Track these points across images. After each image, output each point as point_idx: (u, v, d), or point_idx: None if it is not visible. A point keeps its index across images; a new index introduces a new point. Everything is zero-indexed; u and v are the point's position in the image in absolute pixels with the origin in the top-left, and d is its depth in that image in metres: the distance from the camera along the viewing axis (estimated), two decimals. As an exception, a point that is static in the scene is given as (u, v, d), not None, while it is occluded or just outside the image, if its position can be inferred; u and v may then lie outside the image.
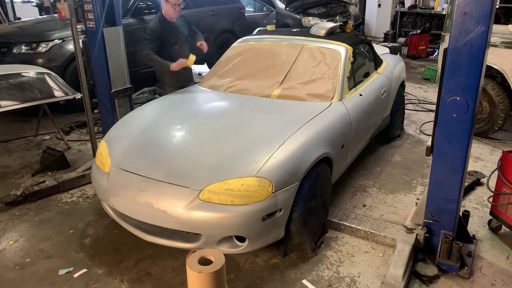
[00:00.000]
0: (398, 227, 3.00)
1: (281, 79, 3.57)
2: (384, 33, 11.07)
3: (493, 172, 3.09)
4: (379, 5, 11.68)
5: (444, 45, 5.08)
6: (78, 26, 3.81)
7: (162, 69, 4.28)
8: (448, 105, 2.41)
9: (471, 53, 2.27)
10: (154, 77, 6.59)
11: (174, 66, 4.06)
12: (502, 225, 3.10)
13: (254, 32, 4.51)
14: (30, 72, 4.67)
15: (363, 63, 4.10)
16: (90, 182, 3.79)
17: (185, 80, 4.35)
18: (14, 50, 5.69)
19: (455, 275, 2.69)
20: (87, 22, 3.83)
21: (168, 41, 4.28)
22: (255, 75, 3.71)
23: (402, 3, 11.18)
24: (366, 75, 4.05)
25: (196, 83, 4.10)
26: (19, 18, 9.46)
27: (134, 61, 5.81)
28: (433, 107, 5.81)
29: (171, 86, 4.38)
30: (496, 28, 4.32)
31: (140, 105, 3.73)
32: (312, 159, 2.74)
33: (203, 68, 8.61)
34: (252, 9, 9.85)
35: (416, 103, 6.32)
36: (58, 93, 4.64)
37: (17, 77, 4.52)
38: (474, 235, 3.01)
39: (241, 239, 2.53)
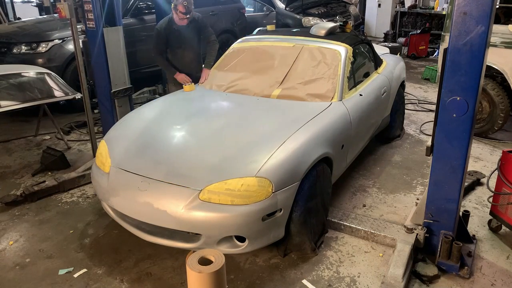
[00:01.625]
0: (398, 227, 3.00)
1: (281, 79, 3.57)
2: (384, 33, 11.06)
3: (493, 172, 3.09)
4: (379, 5, 11.67)
5: (444, 45, 5.08)
6: (78, 26, 3.81)
7: (167, 73, 4.56)
8: (448, 105, 2.41)
9: (471, 53, 2.27)
10: (154, 77, 6.59)
11: (178, 77, 4.37)
12: (502, 225, 3.10)
13: (254, 32, 4.51)
14: (30, 72, 4.67)
15: (363, 63, 4.09)
16: (90, 182, 3.79)
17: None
18: (14, 50, 5.70)
19: (455, 275, 2.69)
20: (87, 22, 3.83)
21: (172, 44, 4.44)
22: (255, 75, 3.71)
23: (402, 3, 11.18)
24: (366, 75, 4.05)
25: (196, 83, 4.10)
26: (19, 18, 9.45)
27: (134, 61, 5.83)
28: (433, 107, 5.81)
29: (176, 84, 4.57)
30: (496, 28, 4.32)
31: (140, 105, 3.73)
32: (312, 159, 2.74)
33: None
34: (252, 9, 9.84)
35: (416, 103, 6.32)
36: (58, 93, 4.64)
37: (17, 77, 4.52)
38: (474, 235, 3.01)
39: (241, 239, 2.53)
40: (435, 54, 9.73)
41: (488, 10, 2.17)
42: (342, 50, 3.68)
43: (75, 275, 2.75)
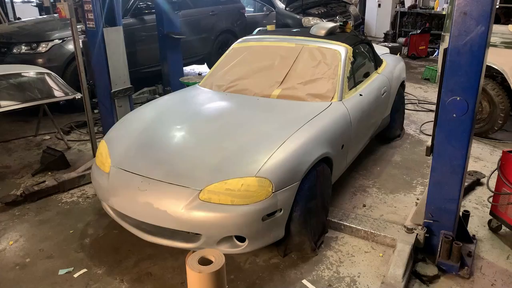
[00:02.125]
0: (398, 227, 3.00)
1: (281, 79, 3.57)
2: (384, 33, 11.06)
3: (493, 172, 3.09)
4: (379, 5, 11.68)
5: (444, 45, 5.08)
6: (78, 26, 3.81)
7: None
8: (448, 105, 2.41)
9: (471, 53, 2.27)
10: (154, 77, 6.60)
11: None
12: (502, 225, 3.10)
13: (254, 32, 4.52)
14: (30, 72, 4.67)
15: (363, 63, 4.09)
16: (90, 182, 3.79)
17: None
18: (14, 50, 5.70)
19: (455, 275, 2.69)
20: (87, 22, 3.83)
21: None
22: (255, 75, 3.71)
23: (402, 3, 11.18)
24: (366, 75, 4.05)
25: (196, 83, 4.10)
26: (19, 18, 9.46)
27: (134, 61, 5.84)
28: (433, 107, 5.81)
29: None
30: (496, 28, 4.32)
31: (140, 105, 3.73)
32: (312, 159, 2.74)
33: (203, 68, 8.62)
34: (252, 9, 9.86)
35: (416, 103, 6.32)
36: (58, 93, 4.64)
37: (17, 77, 4.52)
38: (474, 235, 3.00)
39: (241, 239, 2.53)
40: (435, 54, 9.73)
41: (488, 10, 2.17)
42: (342, 50, 3.68)
43: (75, 275, 2.75)
